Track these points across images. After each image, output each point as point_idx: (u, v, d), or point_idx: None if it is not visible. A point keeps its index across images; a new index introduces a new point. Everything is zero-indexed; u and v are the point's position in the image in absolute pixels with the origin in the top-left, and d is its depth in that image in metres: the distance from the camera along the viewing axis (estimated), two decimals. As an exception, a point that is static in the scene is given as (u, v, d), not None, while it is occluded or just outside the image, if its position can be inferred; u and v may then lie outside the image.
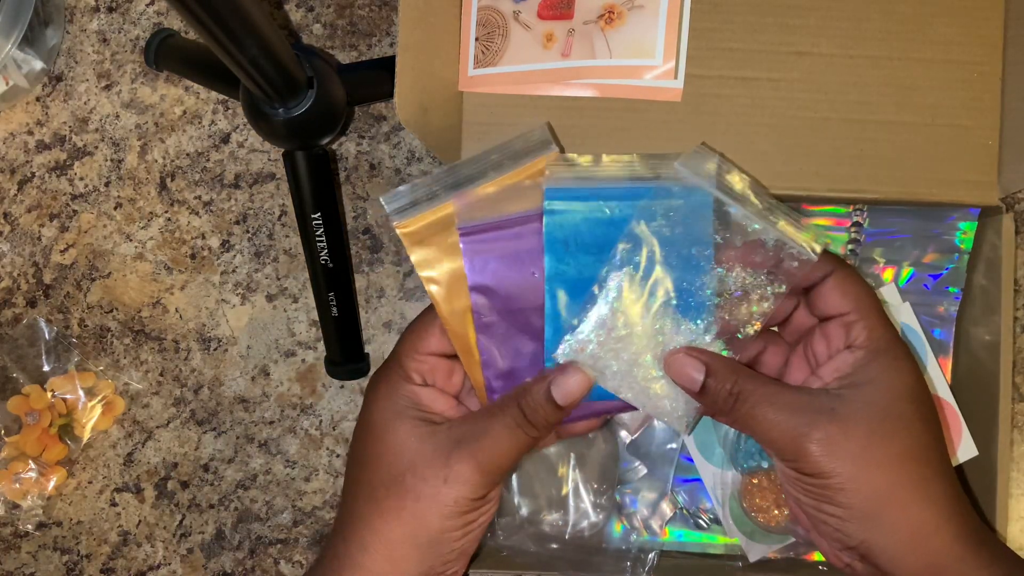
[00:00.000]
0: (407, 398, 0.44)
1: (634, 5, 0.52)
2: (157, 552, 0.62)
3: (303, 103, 0.52)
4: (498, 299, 0.43)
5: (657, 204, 0.42)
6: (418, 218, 0.44)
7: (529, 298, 0.43)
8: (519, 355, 0.44)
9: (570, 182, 0.43)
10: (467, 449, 0.42)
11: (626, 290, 0.42)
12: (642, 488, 0.57)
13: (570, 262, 0.43)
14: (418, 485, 0.42)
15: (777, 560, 0.56)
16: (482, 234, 0.43)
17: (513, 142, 0.45)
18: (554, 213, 0.43)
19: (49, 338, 0.62)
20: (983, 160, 0.53)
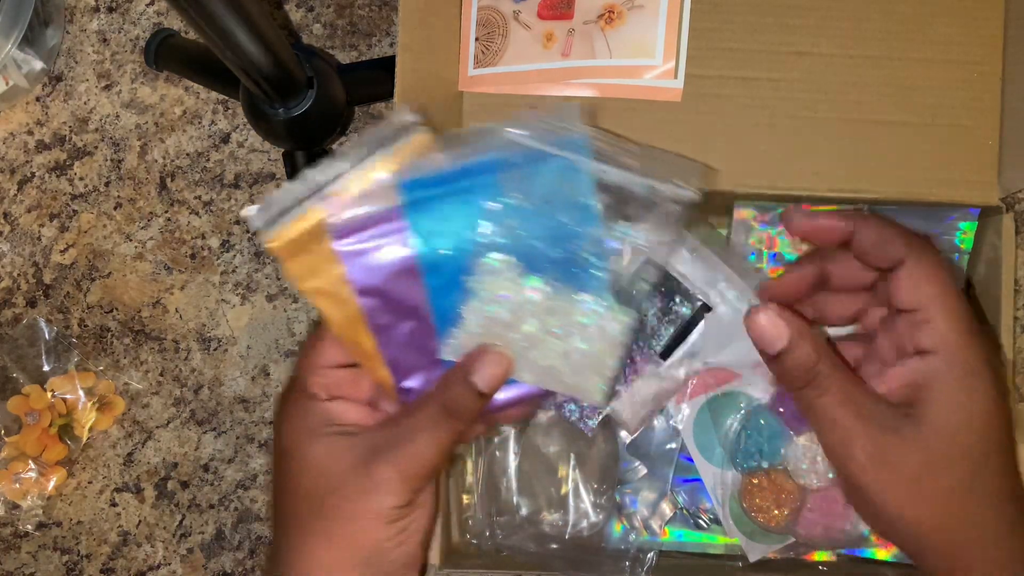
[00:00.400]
0: (317, 416, 0.43)
1: (634, 5, 0.52)
2: (157, 552, 0.62)
3: (303, 103, 0.52)
4: (389, 298, 0.41)
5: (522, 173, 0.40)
6: (288, 228, 0.40)
7: (418, 293, 0.41)
8: (424, 350, 0.42)
9: (429, 166, 0.41)
10: (386, 457, 0.41)
11: (501, 274, 0.40)
12: (642, 488, 0.57)
13: (444, 251, 0.41)
14: (342, 504, 0.41)
15: (777, 560, 0.56)
16: (359, 233, 0.41)
17: (380, 129, 0.42)
18: (416, 205, 0.40)
19: (49, 338, 0.62)
20: (983, 160, 0.53)
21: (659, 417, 0.56)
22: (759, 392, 0.55)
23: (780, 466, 0.54)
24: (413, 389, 0.43)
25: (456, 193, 0.40)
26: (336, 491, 0.41)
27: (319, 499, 0.41)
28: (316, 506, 0.41)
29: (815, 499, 0.53)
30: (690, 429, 0.55)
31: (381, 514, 0.41)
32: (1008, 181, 0.52)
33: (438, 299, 0.41)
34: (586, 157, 0.40)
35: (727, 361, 0.55)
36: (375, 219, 0.40)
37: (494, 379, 0.40)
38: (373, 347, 0.42)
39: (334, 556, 0.41)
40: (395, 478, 0.40)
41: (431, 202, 0.40)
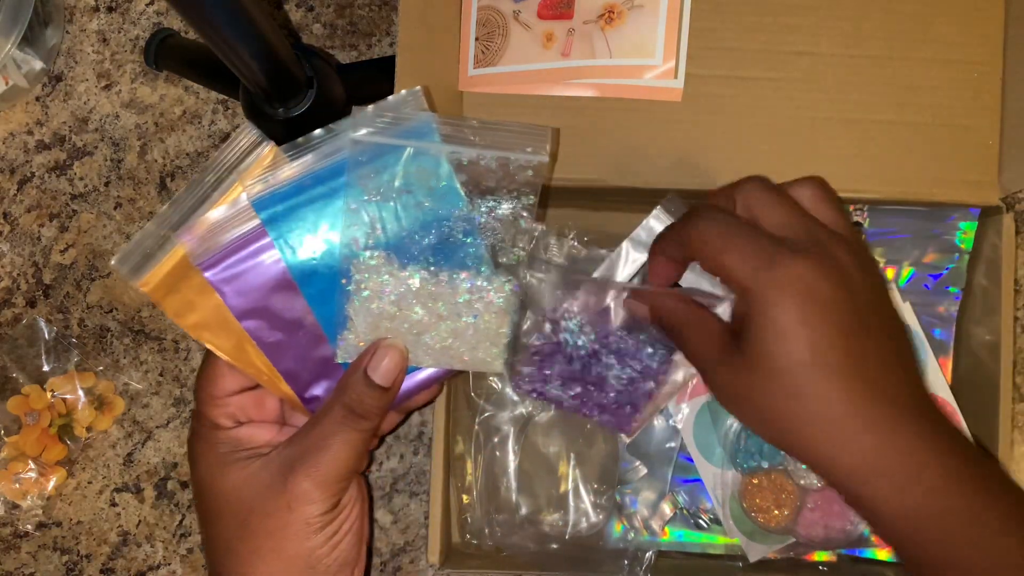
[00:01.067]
0: (225, 444, 0.44)
1: (634, 5, 0.52)
2: (157, 552, 0.62)
3: (303, 103, 0.52)
4: (272, 316, 0.42)
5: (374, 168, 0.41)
6: (156, 270, 0.41)
7: (299, 304, 0.42)
8: (319, 358, 0.43)
9: (279, 179, 0.42)
10: (300, 469, 0.41)
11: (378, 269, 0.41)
12: (642, 488, 0.57)
13: (314, 259, 0.41)
14: (265, 522, 0.41)
15: (777, 560, 0.56)
16: (225, 260, 0.41)
17: (224, 154, 0.42)
18: (275, 219, 0.41)
19: (49, 338, 0.62)
20: (983, 160, 0.53)
21: (659, 417, 0.56)
22: (759, 392, 0.55)
23: (780, 466, 0.54)
24: (319, 397, 0.44)
25: (313, 200, 0.41)
26: (257, 511, 0.42)
27: (243, 522, 0.42)
28: (241, 529, 0.42)
29: (815, 499, 0.53)
30: (690, 429, 0.55)
31: (307, 524, 0.41)
32: (1008, 181, 0.52)
33: (320, 307, 0.42)
34: (434, 141, 0.41)
35: None
36: (239, 242, 0.41)
37: (391, 372, 0.41)
38: (268, 366, 0.43)
39: (268, 573, 0.42)
40: (313, 487, 0.41)
41: (290, 213, 0.41)
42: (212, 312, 0.42)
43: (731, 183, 0.44)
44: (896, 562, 0.56)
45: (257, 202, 0.41)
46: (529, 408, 0.54)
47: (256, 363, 0.43)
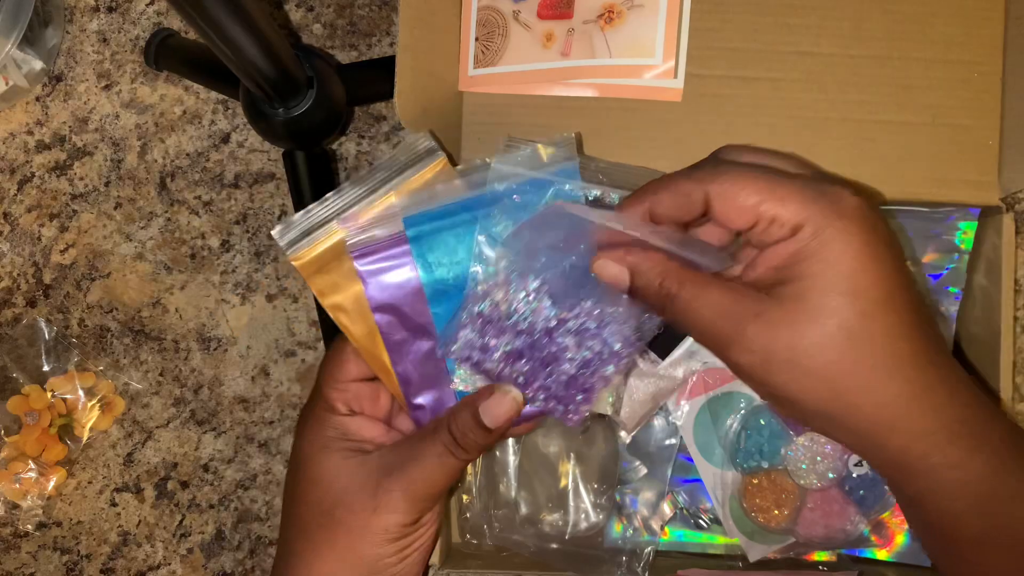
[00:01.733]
0: (334, 429, 0.44)
1: (634, 4, 0.52)
2: (157, 552, 0.62)
3: (303, 103, 0.52)
4: (403, 316, 0.44)
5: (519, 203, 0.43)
6: (312, 247, 0.44)
7: (428, 314, 0.44)
8: (436, 368, 0.44)
9: (431, 201, 0.44)
10: (395, 477, 0.42)
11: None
12: (642, 488, 0.57)
13: (447, 281, 0.43)
14: (347, 517, 0.42)
15: (777, 560, 0.56)
16: (376, 254, 0.43)
17: (398, 154, 0.45)
18: (418, 238, 0.43)
19: (49, 338, 0.62)
20: (983, 160, 0.53)
21: (659, 416, 0.56)
22: (759, 392, 0.55)
23: (780, 466, 0.54)
24: (424, 406, 0.45)
25: (456, 226, 0.43)
26: (344, 504, 0.42)
27: (327, 510, 0.43)
28: (324, 517, 0.43)
29: (815, 499, 0.53)
30: (690, 429, 0.55)
31: (386, 531, 0.42)
32: (1008, 181, 0.52)
33: (443, 326, 0.44)
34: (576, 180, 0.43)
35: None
36: (388, 242, 0.44)
37: (500, 419, 0.42)
38: (389, 362, 0.45)
39: (335, 567, 0.43)
40: (402, 498, 0.42)
41: (433, 235, 0.43)
42: (353, 298, 0.44)
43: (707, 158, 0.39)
44: (896, 562, 0.56)
45: (407, 219, 0.43)
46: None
47: (381, 356, 0.45)
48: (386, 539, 0.42)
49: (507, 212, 0.43)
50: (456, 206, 0.44)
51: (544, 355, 0.43)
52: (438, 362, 0.44)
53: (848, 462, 0.53)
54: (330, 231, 0.44)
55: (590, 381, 0.43)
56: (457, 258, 0.43)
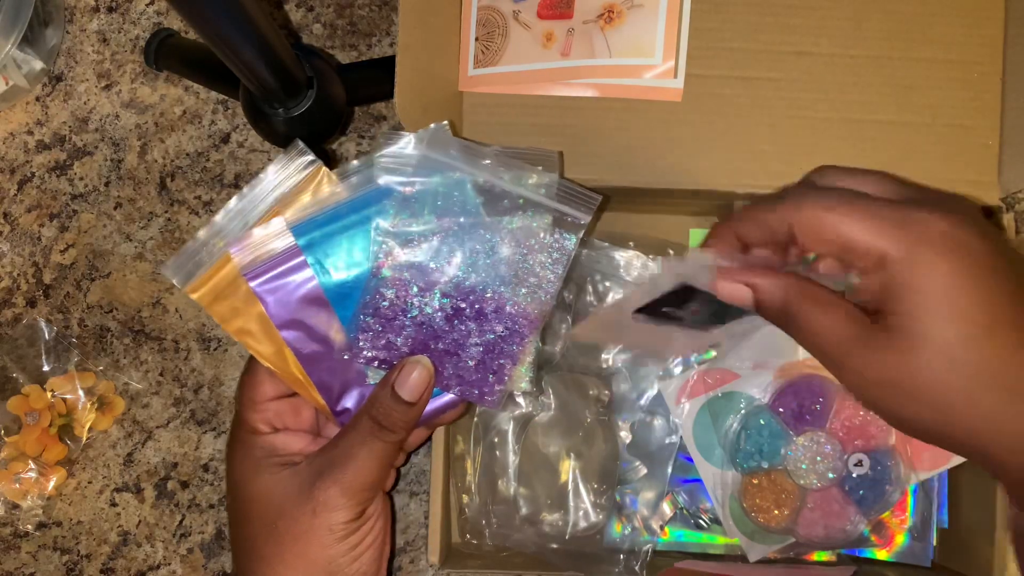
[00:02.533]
0: (261, 449, 0.45)
1: (633, 4, 0.52)
2: (157, 552, 0.62)
3: (303, 103, 0.52)
4: (309, 328, 0.44)
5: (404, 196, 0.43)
6: (205, 276, 0.44)
7: (335, 321, 0.44)
8: (353, 370, 0.45)
9: (316, 207, 0.44)
10: (328, 476, 0.42)
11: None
12: (642, 488, 0.57)
13: (347, 283, 0.44)
14: (291, 527, 0.43)
15: (777, 560, 0.56)
16: (270, 272, 0.44)
17: (275, 168, 0.45)
18: (310, 245, 0.43)
19: (49, 338, 0.62)
20: (983, 160, 0.53)
21: (659, 416, 0.56)
22: (759, 392, 0.55)
23: (780, 466, 0.54)
24: (349, 410, 0.45)
25: (348, 228, 0.44)
26: (284, 515, 0.43)
27: (270, 524, 0.43)
28: (268, 531, 0.43)
29: (815, 499, 0.53)
30: (690, 429, 0.55)
31: (330, 531, 0.43)
32: (1008, 181, 0.52)
33: (352, 328, 0.44)
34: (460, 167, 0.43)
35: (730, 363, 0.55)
36: (280, 257, 0.44)
37: (418, 387, 0.43)
38: (305, 375, 0.45)
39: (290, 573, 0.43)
40: (339, 494, 0.42)
41: (325, 240, 0.44)
42: (256, 319, 0.44)
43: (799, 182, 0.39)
44: (896, 562, 0.56)
45: (296, 228, 0.44)
46: (529, 407, 0.54)
47: (294, 372, 0.45)
48: (333, 539, 0.43)
49: (397, 206, 0.43)
50: (344, 208, 0.44)
51: (448, 343, 0.44)
52: (353, 366, 0.45)
53: (848, 462, 0.53)
54: (222, 256, 0.44)
55: (498, 361, 0.44)
56: (354, 259, 0.44)
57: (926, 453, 0.54)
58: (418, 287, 0.43)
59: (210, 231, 0.44)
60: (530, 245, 0.44)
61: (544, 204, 0.44)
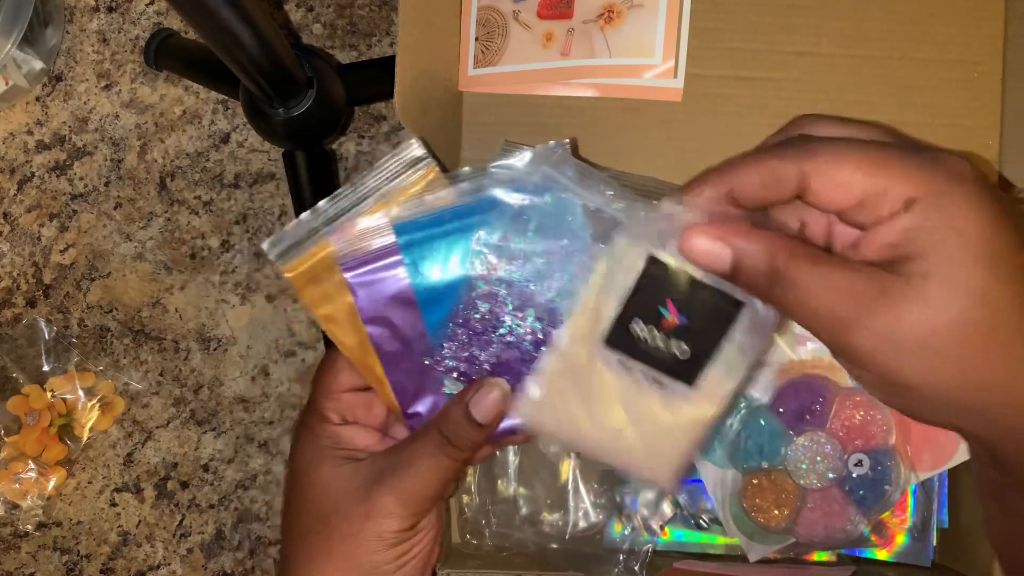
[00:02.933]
0: (328, 439, 0.44)
1: (633, 4, 0.52)
2: (157, 552, 0.62)
3: (303, 103, 0.52)
4: (394, 327, 0.44)
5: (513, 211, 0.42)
6: (303, 258, 0.43)
7: (421, 324, 0.43)
8: (431, 376, 0.44)
9: (422, 209, 0.43)
10: (387, 482, 0.42)
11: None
12: (642, 488, 0.57)
13: (439, 289, 0.43)
14: (342, 524, 0.42)
15: (777, 560, 0.56)
16: (366, 265, 0.43)
17: (388, 163, 0.44)
18: (410, 246, 0.43)
19: (49, 338, 0.62)
20: (983, 160, 0.53)
21: (659, 417, 0.56)
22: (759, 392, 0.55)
23: (780, 466, 0.54)
24: (420, 414, 0.45)
25: (449, 234, 0.43)
26: (338, 511, 0.42)
27: (323, 518, 0.43)
28: (320, 524, 0.43)
29: (815, 499, 0.53)
30: (690, 429, 0.55)
31: (381, 537, 0.42)
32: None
33: (437, 334, 0.43)
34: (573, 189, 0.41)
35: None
36: (378, 253, 0.43)
37: (491, 410, 0.41)
38: (382, 373, 0.44)
39: (332, 574, 0.43)
40: (395, 503, 0.42)
41: (425, 243, 0.43)
42: (344, 309, 0.44)
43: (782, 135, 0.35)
44: (896, 562, 0.56)
45: (397, 227, 0.43)
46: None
47: (372, 367, 0.45)
48: (382, 545, 0.42)
49: (503, 219, 0.42)
50: (449, 213, 0.43)
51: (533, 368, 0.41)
52: (432, 372, 0.44)
53: (848, 462, 0.53)
54: (321, 242, 0.44)
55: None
56: (450, 266, 0.43)
57: (926, 453, 0.54)
58: (513, 305, 0.42)
59: (314, 215, 0.43)
60: None
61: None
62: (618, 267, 0.37)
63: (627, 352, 0.38)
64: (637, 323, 0.37)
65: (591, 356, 0.38)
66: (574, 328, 0.38)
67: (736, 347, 0.37)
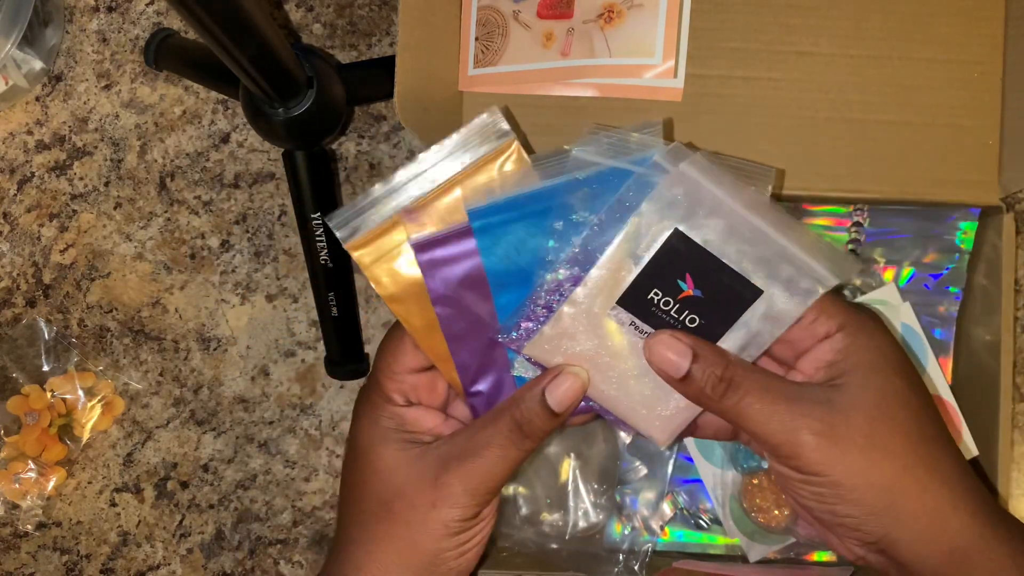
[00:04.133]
0: (391, 419, 0.43)
1: (633, 4, 0.52)
2: (157, 552, 0.62)
3: (303, 103, 0.52)
4: (463, 308, 0.42)
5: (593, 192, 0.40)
6: (370, 235, 0.42)
7: (489, 307, 0.42)
8: (494, 356, 0.43)
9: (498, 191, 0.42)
10: (455, 470, 0.41)
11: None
12: (642, 488, 0.57)
13: (511, 273, 0.41)
14: (406, 512, 0.41)
15: (777, 560, 0.56)
16: (438, 247, 0.42)
17: (470, 134, 0.42)
18: (483, 231, 0.41)
19: (48, 338, 0.62)
20: (983, 160, 0.53)
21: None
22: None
23: (780, 466, 0.54)
24: (481, 392, 0.44)
25: (525, 217, 0.41)
26: (403, 498, 0.42)
27: (386, 503, 0.42)
28: (382, 509, 0.42)
29: (815, 499, 0.53)
30: (690, 429, 0.55)
31: (446, 526, 0.41)
32: (1008, 181, 0.52)
33: (508, 316, 0.42)
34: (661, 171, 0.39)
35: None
36: (451, 234, 0.42)
37: (567, 400, 0.40)
38: (447, 352, 0.43)
39: (392, 558, 0.42)
40: (462, 491, 0.41)
41: (501, 227, 0.41)
42: (412, 288, 0.42)
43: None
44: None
45: (473, 211, 0.41)
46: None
47: (437, 346, 0.43)
48: (446, 534, 0.41)
49: (584, 203, 0.40)
50: (526, 197, 0.41)
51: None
52: (497, 349, 0.43)
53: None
54: (389, 218, 0.42)
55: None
56: (525, 250, 0.41)
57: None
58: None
59: (385, 188, 0.42)
60: None
61: None
62: (644, 234, 0.38)
63: (640, 315, 0.39)
64: (654, 290, 0.38)
65: (606, 312, 0.39)
66: (593, 283, 0.39)
67: (747, 332, 0.39)
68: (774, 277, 0.38)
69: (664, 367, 0.38)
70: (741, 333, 0.39)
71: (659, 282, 0.38)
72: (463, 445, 0.42)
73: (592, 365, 0.40)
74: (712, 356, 0.38)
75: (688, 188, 0.37)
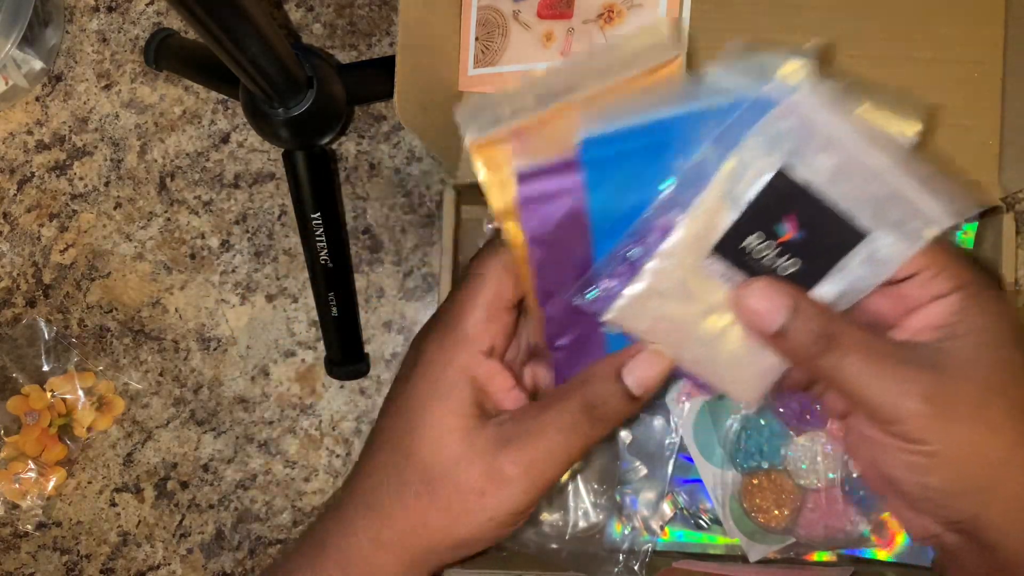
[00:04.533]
0: (460, 372, 0.37)
1: (633, 4, 0.52)
2: (157, 552, 0.62)
3: (303, 103, 0.52)
4: (555, 250, 0.37)
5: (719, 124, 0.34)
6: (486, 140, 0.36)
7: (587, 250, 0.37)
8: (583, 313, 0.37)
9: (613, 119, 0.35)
10: (512, 453, 0.36)
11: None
12: (642, 488, 0.57)
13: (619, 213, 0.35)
14: (451, 496, 0.36)
15: (777, 560, 0.56)
16: (540, 179, 0.36)
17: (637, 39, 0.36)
18: (594, 163, 0.35)
19: (48, 338, 0.62)
20: (983, 160, 0.53)
21: (659, 416, 0.56)
22: (759, 392, 0.55)
23: (780, 466, 0.54)
24: (565, 347, 0.38)
25: (642, 151, 0.35)
26: (450, 479, 0.36)
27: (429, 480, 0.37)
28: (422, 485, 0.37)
29: (815, 499, 0.53)
30: (690, 429, 0.55)
31: (492, 519, 0.37)
32: (1008, 181, 0.52)
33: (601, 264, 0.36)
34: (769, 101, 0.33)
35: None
36: (557, 166, 0.36)
37: (649, 384, 0.35)
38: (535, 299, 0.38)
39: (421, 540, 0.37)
40: (516, 479, 0.36)
41: (613, 162, 0.35)
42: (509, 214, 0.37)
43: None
44: (896, 562, 0.56)
45: (586, 140, 0.35)
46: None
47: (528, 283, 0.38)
48: (491, 527, 0.36)
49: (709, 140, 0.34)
50: (646, 128, 0.34)
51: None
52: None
53: (848, 462, 0.53)
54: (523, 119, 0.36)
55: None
56: (637, 189, 0.35)
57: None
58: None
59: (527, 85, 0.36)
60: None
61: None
62: (744, 174, 0.33)
63: (735, 263, 0.34)
64: (752, 235, 0.34)
65: (696, 263, 0.34)
66: (685, 231, 0.34)
67: (846, 277, 0.35)
68: (881, 218, 0.33)
69: (757, 321, 0.33)
70: (840, 279, 0.34)
71: (759, 225, 0.34)
72: (525, 425, 0.36)
73: (681, 327, 0.35)
74: (811, 309, 0.33)
75: (799, 121, 0.33)
